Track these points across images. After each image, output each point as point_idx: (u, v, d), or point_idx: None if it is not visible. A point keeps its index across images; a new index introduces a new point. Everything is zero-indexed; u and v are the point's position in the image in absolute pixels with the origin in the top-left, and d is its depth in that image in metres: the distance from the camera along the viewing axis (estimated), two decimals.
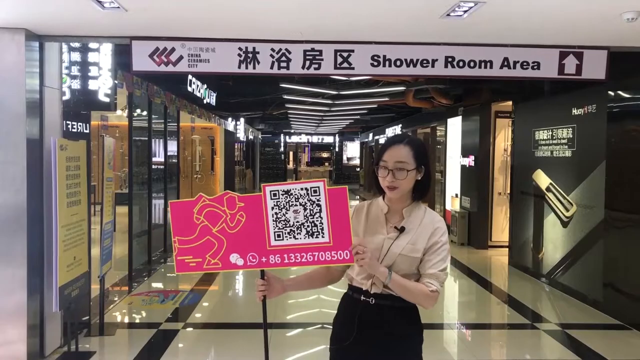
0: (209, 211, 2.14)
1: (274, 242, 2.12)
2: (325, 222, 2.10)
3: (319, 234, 2.11)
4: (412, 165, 2.16)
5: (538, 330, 5.55)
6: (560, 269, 6.93)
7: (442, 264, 2.18)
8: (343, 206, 2.11)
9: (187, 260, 2.14)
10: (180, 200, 2.21)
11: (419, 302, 2.19)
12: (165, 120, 8.76)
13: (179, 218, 2.15)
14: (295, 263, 2.13)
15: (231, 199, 2.13)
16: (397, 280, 2.11)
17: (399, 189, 2.16)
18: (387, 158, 2.17)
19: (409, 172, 2.14)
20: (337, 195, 2.11)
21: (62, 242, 4.14)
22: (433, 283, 2.15)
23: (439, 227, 2.21)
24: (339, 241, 2.10)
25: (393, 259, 2.14)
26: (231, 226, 2.13)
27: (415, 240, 2.16)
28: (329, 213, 2.10)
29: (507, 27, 4.03)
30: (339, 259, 2.11)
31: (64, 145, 4.20)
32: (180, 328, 5.32)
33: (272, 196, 2.11)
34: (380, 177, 2.18)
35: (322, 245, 2.11)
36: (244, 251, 2.14)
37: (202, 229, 2.14)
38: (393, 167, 2.14)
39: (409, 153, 2.17)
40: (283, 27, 4.09)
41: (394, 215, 2.23)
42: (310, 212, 2.10)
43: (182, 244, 2.14)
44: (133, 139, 7.70)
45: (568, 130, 6.74)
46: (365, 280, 2.19)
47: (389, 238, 2.17)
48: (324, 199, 2.10)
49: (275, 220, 2.11)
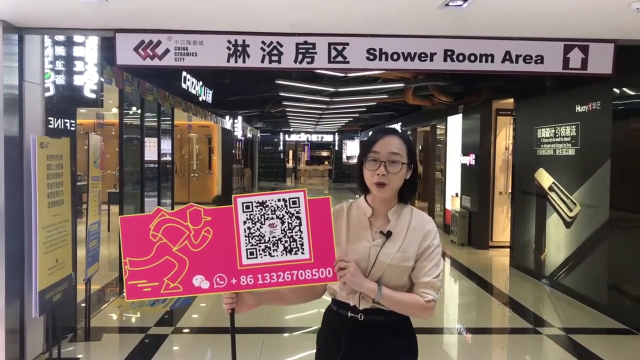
0: (169, 227, 1.91)
1: (245, 260, 1.91)
2: (306, 237, 1.91)
3: (299, 249, 1.91)
4: (405, 159, 1.96)
5: (540, 334, 5.35)
6: (563, 271, 6.73)
7: (436, 270, 1.99)
8: (325, 219, 1.91)
9: (141, 285, 1.91)
10: (132, 215, 1.97)
11: (415, 314, 1.99)
12: (159, 118, 8.56)
13: (131, 236, 1.92)
14: (270, 284, 1.92)
15: (195, 212, 1.91)
16: (388, 295, 1.91)
17: (389, 186, 1.95)
18: (379, 148, 1.95)
19: (402, 166, 1.95)
20: (319, 207, 1.91)
21: (42, 244, 3.95)
22: (428, 292, 1.96)
23: (429, 229, 2.01)
24: (320, 258, 1.90)
25: (382, 270, 1.94)
26: (195, 244, 1.91)
27: (406, 248, 1.96)
28: (310, 226, 1.90)
29: (509, 19, 3.83)
30: (321, 277, 1.91)
31: (44, 142, 4.01)
32: (170, 333, 5.13)
33: (244, 209, 1.90)
34: (369, 170, 1.96)
35: (302, 262, 1.91)
36: (210, 272, 1.92)
37: (159, 247, 1.91)
38: (386, 158, 1.94)
39: (402, 146, 1.97)
40: (274, 19, 3.89)
41: (378, 218, 2.02)
42: (289, 225, 1.91)
43: (134, 265, 1.91)
44: (126, 137, 7.50)
45: (571, 128, 6.55)
46: (352, 295, 1.98)
47: (375, 245, 1.96)
48: (304, 211, 1.91)
49: (248, 236, 1.91)
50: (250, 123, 20.76)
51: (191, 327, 5.41)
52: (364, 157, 1.99)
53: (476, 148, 9.74)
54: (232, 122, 16.30)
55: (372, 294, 1.90)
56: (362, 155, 2.01)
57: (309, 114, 16.27)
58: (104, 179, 11.49)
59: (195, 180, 16.15)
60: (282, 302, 2.22)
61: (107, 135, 12.01)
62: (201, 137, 16.17)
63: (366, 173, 1.99)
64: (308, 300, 2.15)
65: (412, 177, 2.02)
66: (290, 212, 1.91)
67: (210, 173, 16.36)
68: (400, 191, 2.02)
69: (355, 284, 1.89)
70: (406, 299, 1.95)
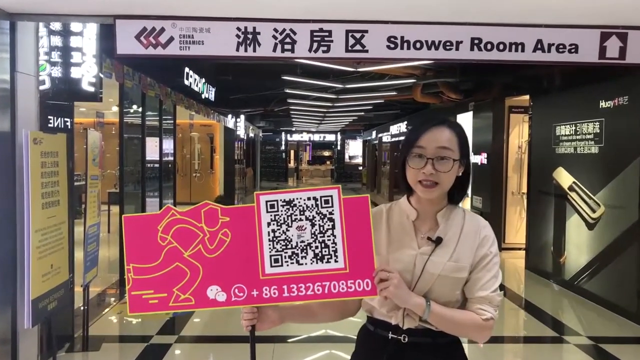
0: (180, 229, 1.63)
1: (269, 269, 1.63)
2: (340, 242, 1.62)
3: (331, 257, 1.63)
4: (456, 154, 1.66)
5: (565, 343, 5.03)
6: (586, 275, 6.41)
7: (494, 283, 1.69)
8: (363, 221, 1.62)
9: (147, 296, 1.63)
10: (138, 214, 1.69)
11: (469, 335, 1.69)
12: (161, 115, 8.24)
13: (136, 238, 1.64)
14: (297, 297, 1.64)
15: (211, 212, 1.62)
16: (439, 312, 1.61)
17: (439, 187, 1.65)
18: (425, 143, 1.65)
19: (454, 163, 1.64)
20: (356, 207, 1.63)
21: (36, 248, 3.63)
22: (486, 309, 1.66)
23: (486, 235, 1.71)
24: (357, 267, 1.62)
25: (430, 283, 1.64)
26: (210, 249, 1.63)
27: (459, 256, 1.66)
28: (345, 230, 1.62)
29: (541, 4, 3.52)
30: (358, 290, 1.62)
31: (38, 138, 3.69)
32: (173, 342, 4.82)
33: (268, 208, 1.62)
34: (413, 169, 1.66)
35: (335, 272, 1.63)
36: (228, 282, 1.64)
37: (169, 252, 1.63)
38: (434, 154, 1.64)
39: (453, 138, 1.67)
40: (287, 3, 3.58)
41: (424, 222, 1.73)
42: (320, 228, 1.63)
43: (139, 273, 1.63)
44: (126, 136, 7.20)
45: (594, 124, 6.23)
46: (394, 312, 1.68)
47: (422, 253, 1.67)
48: (339, 212, 1.62)
49: (273, 240, 1.63)
50: (253, 122, 20.47)
51: (197, 336, 5.11)
52: (407, 152, 1.69)
53: (488, 147, 9.44)
54: (235, 121, 16.00)
55: (420, 311, 1.60)
56: (405, 151, 1.70)
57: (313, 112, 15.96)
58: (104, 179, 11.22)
59: (197, 180, 15.85)
60: (309, 318, 1.91)
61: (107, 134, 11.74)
62: (203, 137, 15.87)
63: (410, 171, 1.68)
64: (339, 317, 1.85)
65: (464, 175, 1.72)
66: (322, 212, 1.63)
67: (212, 173, 16.06)
68: (450, 190, 1.72)
69: (400, 299, 1.59)
70: (460, 316, 1.65)
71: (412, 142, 1.68)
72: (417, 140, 1.66)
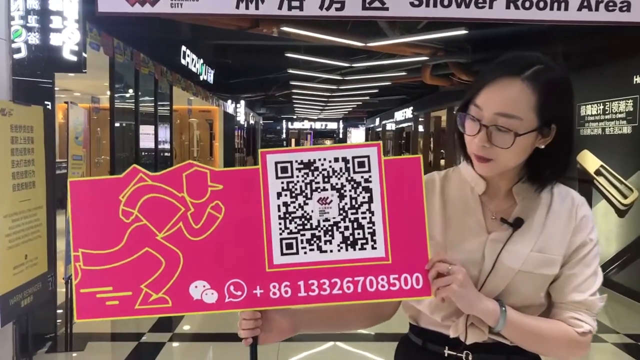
0: (152, 200, 1.14)
1: (279, 258, 1.15)
2: (380, 221, 1.14)
3: (367, 242, 1.15)
4: (529, 122, 1.12)
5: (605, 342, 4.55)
6: (616, 266, 5.94)
7: (594, 282, 1.20)
8: (414, 192, 1.13)
9: (103, 294, 1.15)
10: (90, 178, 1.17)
11: (558, 354, 1.22)
12: (156, 95, 7.73)
13: (88, 213, 1.15)
14: (318, 298, 1.15)
15: (198, 176, 1.14)
16: (518, 322, 1.14)
17: (494, 164, 1.14)
18: (482, 102, 1.13)
19: (518, 138, 1.11)
20: (404, 172, 1.14)
21: (5, 236, 3.15)
22: (583, 319, 1.18)
23: (585, 215, 1.23)
24: (404, 256, 1.14)
25: (505, 281, 1.16)
26: (195, 229, 1.15)
27: (546, 245, 1.18)
28: (387, 204, 1.13)
29: None
30: (404, 289, 1.14)
31: (7, 109, 3.19)
32: (166, 340, 4.36)
33: (279, 173, 1.14)
34: (468, 135, 1.16)
35: (373, 263, 1.15)
36: (220, 277, 1.16)
37: (135, 233, 1.13)
38: (490, 121, 1.12)
39: (527, 98, 1.12)
40: None
41: (496, 196, 1.23)
42: (352, 202, 1.15)
43: (91, 262, 1.14)
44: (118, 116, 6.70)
45: (627, 102, 5.72)
46: (452, 320, 1.20)
47: (494, 241, 1.18)
48: (379, 179, 1.14)
49: (285, 218, 1.15)
50: (253, 109, 19.98)
51: (194, 334, 4.67)
52: (464, 109, 1.18)
53: None
54: (235, 107, 15.52)
55: (491, 320, 1.13)
56: (462, 107, 1.19)
57: (316, 96, 15.43)
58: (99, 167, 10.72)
59: None
60: (331, 326, 1.43)
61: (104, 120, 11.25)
62: (202, 123, 15.37)
63: (465, 136, 1.19)
64: (369, 323, 1.35)
65: (555, 146, 1.17)
66: (354, 179, 1.15)
67: (211, 160, 15.58)
68: (536, 166, 1.19)
69: (465, 302, 1.11)
70: (547, 328, 1.17)
71: (470, 97, 1.17)
72: (476, 96, 1.15)
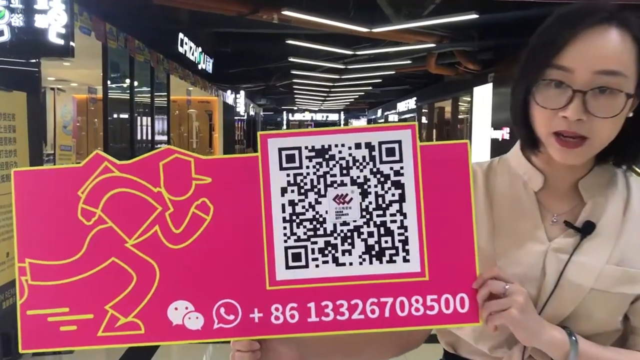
0: (121, 196, 0.89)
1: (283, 272, 0.89)
2: (414, 226, 0.88)
3: (397, 252, 0.89)
4: (632, 81, 0.85)
5: None
6: None
7: None
8: (459, 186, 0.88)
9: (56, 317, 0.89)
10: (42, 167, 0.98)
11: None
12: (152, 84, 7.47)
13: (38, 212, 0.89)
14: (333, 324, 0.89)
15: (179, 166, 0.89)
16: (593, 355, 0.88)
17: (589, 145, 0.86)
18: (571, 61, 0.84)
19: (627, 101, 0.84)
20: (447, 161, 0.88)
21: None
22: None
23: None
24: (444, 271, 0.88)
25: (574, 302, 0.89)
26: (176, 234, 0.89)
27: (626, 255, 0.90)
28: (424, 203, 0.88)
29: None
30: (444, 313, 0.88)
31: None
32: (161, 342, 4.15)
33: (284, 162, 0.88)
34: (546, 108, 0.86)
35: (405, 279, 0.88)
36: (207, 296, 0.89)
37: (98, 239, 0.87)
38: (588, 84, 0.83)
39: (630, 49, 0.85)
40: None
41: (557, 194, 0.95)
42: (379, 200, 0.89)
43: (41, 276, 0.89)
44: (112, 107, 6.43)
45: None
46: (503, 350, 0.93)
47: (557, 251, 0.91)
48: (413, 170, 0.87)
49: (291, 220, 0.88)
50: (253, 100, 19.72)
51: None
52: (534, 75, 0.87)
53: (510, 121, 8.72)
54: (235, 97, 15.27)
55: (558, 354, 0.87)
56: (531, 72, 0.88)
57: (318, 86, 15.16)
58: None
59: None
60: (346, 358, 1.10)
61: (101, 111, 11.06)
62: (201, 114, 15.12)
63: (538, 112, 0.88)
64: (394, 354, 1.06)
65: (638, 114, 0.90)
66: (381, 171, 0.88)
67: (211, 152, 15.35)
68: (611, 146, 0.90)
69: (526, 332, 0.85)
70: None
71: (546, 56, 0.86)
72: (558, 53, 0.85)
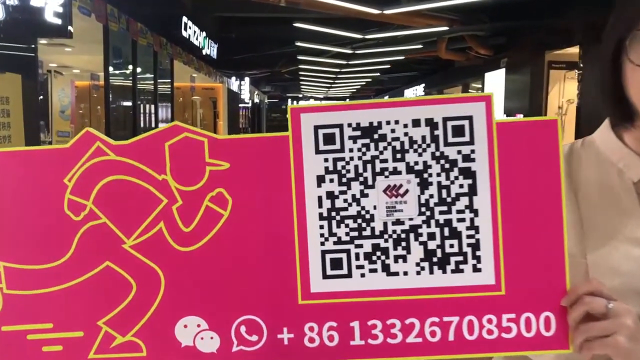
0: (116, 184, 0.67)
1: (319, 283, 0.69)
2: (488, 226, 0.69)
3: (465, 260, 0.69)
4: None
5: None
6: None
7: None
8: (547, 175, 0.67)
9: (35, 335, 0.72)
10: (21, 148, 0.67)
11: None
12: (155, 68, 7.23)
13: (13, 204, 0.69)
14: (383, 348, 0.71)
15: (188, 147, 0.69)
16: None
17: None
18: None
19: None
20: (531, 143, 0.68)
21: None
22: None
23: None
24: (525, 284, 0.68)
25: None
26: (185, 232, 0.69)
27: None
28: (501, 197, 0.68)
29: None
30: (524, 336, 0.69)
31: None
32: None
33: (321, 144, 0.67)
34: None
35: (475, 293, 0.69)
36: (224, 311, 0.71)
37: (88, 238, 0.68)
38: None
39: None
40: None
41: None
42: (442, 193, 0.69)
43: (18, 284, 0.71)
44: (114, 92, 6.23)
45: None
46: None
47: None
48: (487, 154, 0.67)
49: (330, 217, 0.69)
50: (258, 87, 19.45)
51: None
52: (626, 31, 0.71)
53: (524, 108, 8.51)
54: (239, 84, 15.02)
55: None
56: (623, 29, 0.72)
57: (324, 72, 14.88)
58: None
59: None
60: None
61: None
62: (205, 101, 14.88)
63: (634, 73, 0.71)
64: None
65: None
66: (445, 155, 0.70)
67: None
68: None
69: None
70: None
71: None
72: None
